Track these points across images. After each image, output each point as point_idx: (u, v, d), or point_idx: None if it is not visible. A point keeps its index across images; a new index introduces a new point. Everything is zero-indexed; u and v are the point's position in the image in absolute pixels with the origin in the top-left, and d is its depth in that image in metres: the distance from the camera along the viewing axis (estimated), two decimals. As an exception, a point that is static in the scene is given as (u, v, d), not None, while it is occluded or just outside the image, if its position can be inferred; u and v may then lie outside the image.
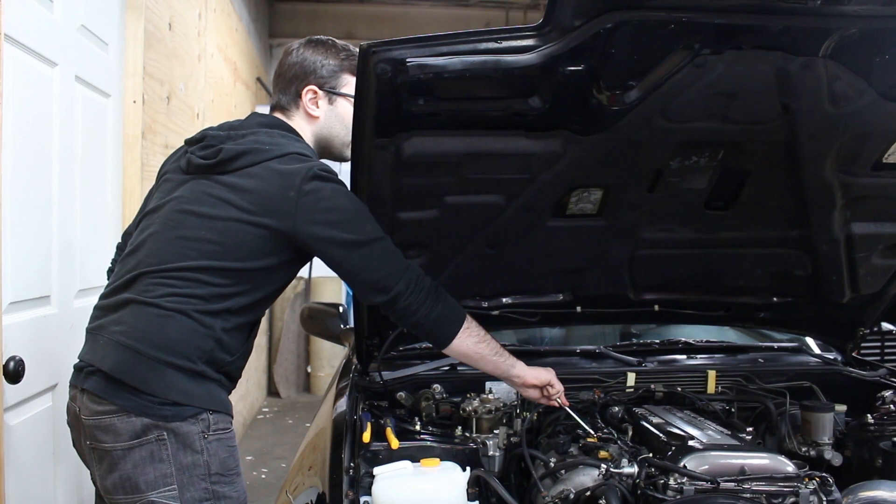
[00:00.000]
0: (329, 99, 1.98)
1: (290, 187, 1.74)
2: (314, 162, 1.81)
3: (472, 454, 1.94)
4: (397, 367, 2.37)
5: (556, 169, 2.01)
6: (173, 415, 1.72)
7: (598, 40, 1.62)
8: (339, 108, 1.98)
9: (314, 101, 1.97)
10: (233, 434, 1.83)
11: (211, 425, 1.76)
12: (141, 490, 1.71)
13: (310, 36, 2.05)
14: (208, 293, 1.75)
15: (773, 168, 2.12)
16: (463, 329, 1.89)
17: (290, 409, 6.70)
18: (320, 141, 2.00)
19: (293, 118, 1.98)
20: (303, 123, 1.98)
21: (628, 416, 2.16)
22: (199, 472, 1.74)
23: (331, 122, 1.98)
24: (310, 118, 1.97)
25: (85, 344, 1.84)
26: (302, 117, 1.98)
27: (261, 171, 1.77)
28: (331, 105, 1.98)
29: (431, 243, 2.18)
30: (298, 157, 1.80)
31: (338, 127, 1.99)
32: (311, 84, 1.96)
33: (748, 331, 2.98)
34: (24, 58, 2.16)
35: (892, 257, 2.38)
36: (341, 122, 1.98)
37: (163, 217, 1.82)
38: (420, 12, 7.19)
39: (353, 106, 1.87)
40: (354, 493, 1.73)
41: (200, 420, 1.75)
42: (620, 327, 3.01)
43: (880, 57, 1.76)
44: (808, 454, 2.10)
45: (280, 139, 1.85)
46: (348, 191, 1.82)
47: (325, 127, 1.98)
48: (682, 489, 1.64)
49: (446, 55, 1.64)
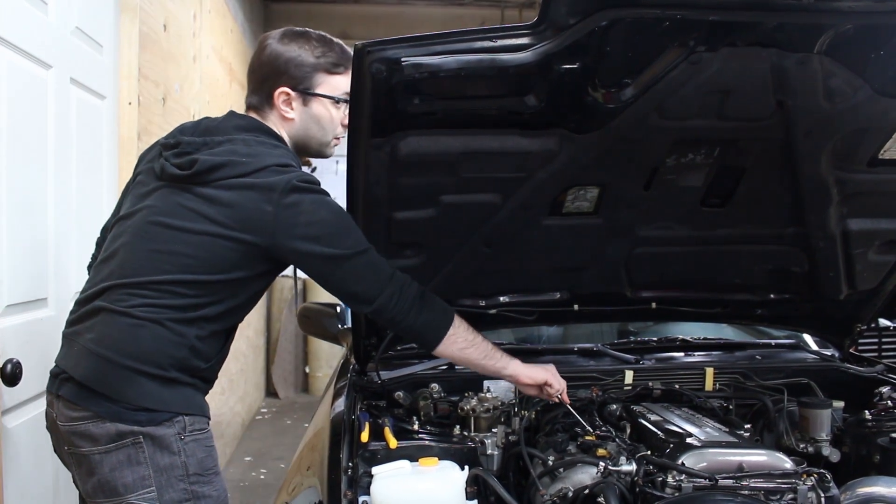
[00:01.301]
0: (303, 100, 1.89)
1: (268, 202, 1.70)
2: (293, 173, 1.75)
3: (471, 453, 1.94)
4: (395, 366, 2.37)
5: (552, 167, 2.01)
6: (148, 420, 1.71)
7: (593, 38, 1.63)
8: (314, 109, 1.90)
9: (287, 102, 1.88)
10: (209, 434, 1.83)
11: (187, 427, 1.75)
12: (120, 493, 1.72)
13: (287, 27, 1.95)
14: (183, 303, 1.73)
15: (769, 165, 2.12)
16: (448, 336, 1.87)
17: (289, 410, 6.70)
18: (297, 142, 1.93)
19: (268, 118, 1.91)
20: (278, 124, 1.90)
21: (626, 414, 2.16)
22: (178, 474, 1.74)
23: (306, 125, 1.91)
24: (284, 120, 1.90)
25: (61, 348, 1.83)
26: (277, 118, 1.90)
27: (238, 184, 1.72)
28: (305, 107, 1.89)
29: (428, 243, 2.18)
30: (277, 169, 1.74)
31: (314, 129, 1.92)
32: (283, 85, 1.87)
33: (745, 328, 2.98)
34: (19, 60, 2.15)
35: (888, 253, 2.38)
36: (317, 124, 1.91)
37: (135, 227, 1.78)
38: (415, 12, 7.18)
39: (330, 106, 1.88)
40: (353, 493, 1.73)
41: (176, 423, 1.74)
42: (618, 325, 3.01)
43: (875, 53, 1.76)
44: (806, 451, 2.10)
45: (258, 147, 1.80)
46: (330, 200, 1.78)
47: (300, 129, 1.91)
48: (680, 487, 1.64)
49: (441, 54, 1.64)
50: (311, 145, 1.95)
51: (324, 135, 1.93)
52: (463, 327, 1.91)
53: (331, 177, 7.32)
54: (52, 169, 2.37)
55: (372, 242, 2.02)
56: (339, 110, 1.91)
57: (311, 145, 1.95)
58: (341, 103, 1.91)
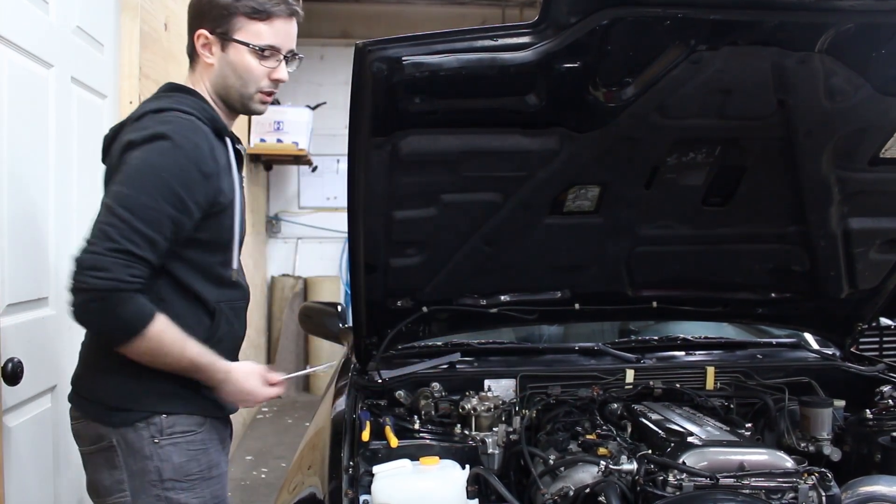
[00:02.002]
0: (222, 45, 1.82)
1: (118, 157, 1.71)
2: (148, 130, 1.69)
3: (472, 452, 1.94)
4: (396, 365, 2.37)
5: (553, 166, 2.01)
6: (121, 421, 1.71)
7: (594, 37, 1.63)
8: (231, 55, 1.82)
9: (207, 47, 1.82)
10: (200, 436, 1.79)
11: (164, 429, 1.72)
12: (101, 495, 1.75)
13: None
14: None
15: (770, 164, 2.12)
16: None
17: (290, 409, 6.70)
18: (218, 92, 1.86)
19: (196, 69, 1.87)
20: (203, 74, 1.85)
21: (627, 413, 2.16)
22: (150, 479, 1.71)
23: (224, 72, 1.83)
24: (206, 67, 1.84)
25: None
26: (202, 67, 1.85)
27: (117, 147, 1.73)
28: (224, 52, 1.82)
29: (429, 241, 2.18)
30: (153, 115, 1.72)
31: (232, 78, 1.84)
32: (202, 28, 1.82)
33: (746, 327, 2.98)
34: (20, 59, 2.15)
35: (889, 252, 2.38)
36: (235, 73, 1.83)
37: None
38: (416, 11, 7.18)
39: (249, 54, 1.81)
40: (354, 492, 1.73)
41: (151, 424, 1.71)
42: (619, 324, 3.01)
43: (877, 52, 1.76)
44: (807, 450, 2.10)
45: (151, 103, 1.78)
46: (171, 162, 1.68)
47: (219, 76, 1.84)
48: (681, 486, 1.64)
49: (442, 53, 1.64)
50: (232, 96, 1.87)
51: (243, 86, 1.84)
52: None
53: (331, 176, 7.33)
54: (53, 168, 2.37)
55: (373, 242, 2.03)
56: (262, 61, 1.83)
57: (232, 96, 1.87)
58: (266, 56, 1.83)
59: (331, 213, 7.34)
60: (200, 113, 1.78)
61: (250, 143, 6.15)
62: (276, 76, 1.85)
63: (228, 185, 1.81)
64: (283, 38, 1.84)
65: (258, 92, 1.86)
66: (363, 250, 2.01)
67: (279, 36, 1.83)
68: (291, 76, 1.94)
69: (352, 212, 1.91)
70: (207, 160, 1.73)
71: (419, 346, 2.50)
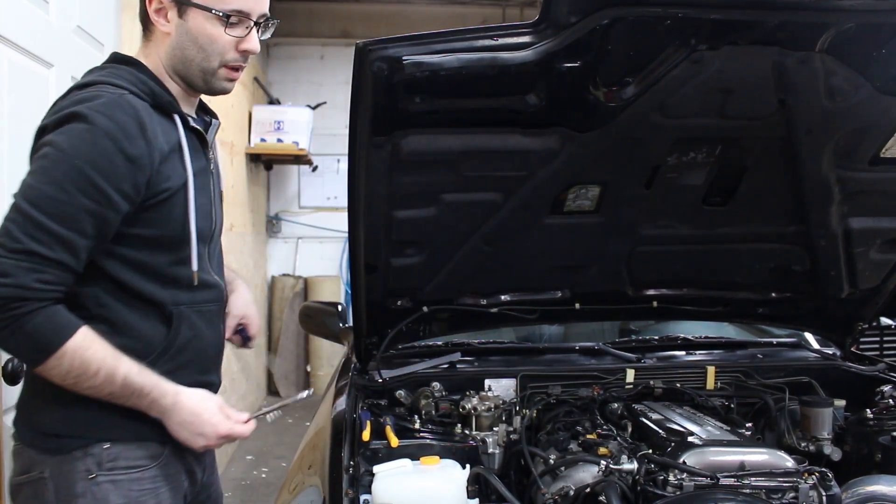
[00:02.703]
0: (179, 10, 1.53)
1: (32, 147, 1.49)
2: (63, 111, 1.45)
3: (472, 452, 1.94)
4: (396, 365, 2.37)
5: (554, 166, 2.01)
6: (56, 447, 1.46)
7: (595, 37, 1.63)
8: (190, 22, 1.53)
9: (161, 12, 1.54)
10: (150, 473, 1.52)
11: (104, 462, 1.46)
12: None
13: None
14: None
15: (771, 163, 2.12)
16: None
17: (290, 409, 6.67)
18: (177, 67, 1.58)
19: (150, 39, 1.59)
20: (158, 45, 1.58)
21: (628, 413, 2.15)
22: None
23: (182, 42, 1.55)
24: (162, 37, 1.56)
25: None
26: (157, 37, 1.57)
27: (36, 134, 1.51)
28: (181, 19, 1.54)
29: (429, 241, 2.18)
30: (75, 93, 1.47)
31: (191, 49, 1.55)
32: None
33: (747, 326, 2.98)
34: (20, 59, 2.15)
35: (890, 252, 2.38)
36: (194, 43, 1.54)
37: None
38: (417, 10, 7.17)
39: (209, 22, 1.53)
40: (354, 492, 1.73)
41: (90, 455, 1.46)
42: (619, 324, 3.01)
43: (877, 51, 1.76)
44: (808, 449, 2.10)
45: (82, 78, 1.54)
46: (86, 146, 1.42)
47: (177, 47, 1.55)
48: (681, 485, 1.64)
49: (442, 53, 1.64)
50: (192, 72, 1.58)
51: (204, 59, 1.56)
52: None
53: (332, 175, 7.33)
54: (54, 168, 2.36)
55: (373, 241, 2.03)
56: (228, 29, 1.54)
57: (192, 72, 1.58)
58: (232, 23, 1.55)
59: (331, 213, 7.34)
60: (137, 86, 1.51)
61: (250, 143, 6.15)
62: (244, 46, 1.57)
63: (176, 169, 1.53)
64: (252, 1, 1.56)
65: (223, 66, 1.58)
66: (363, 250, 2.01)
67: (241, 0, 1.55)
68: (292, 75, 1.86)
69: (352, 211, 1.91)
70: (136, 141, 1.45)
71: (419, 345, 2.50)
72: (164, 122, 1.54)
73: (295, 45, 7.12)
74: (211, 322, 1.66)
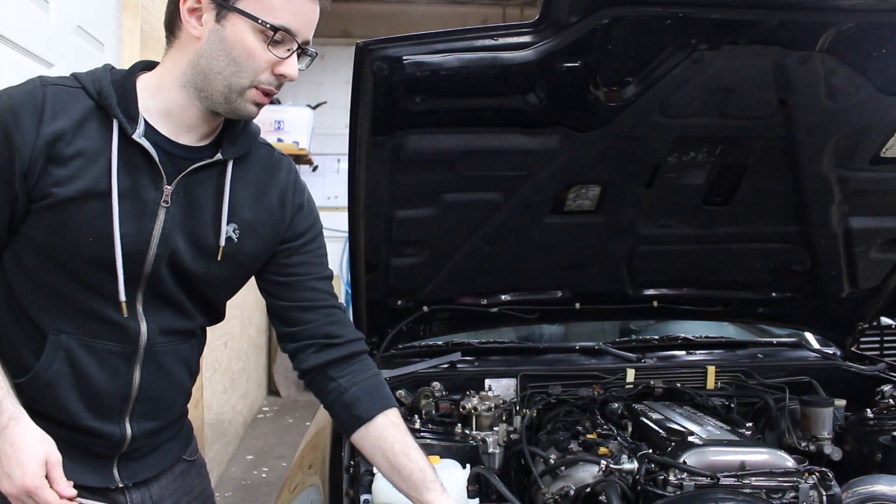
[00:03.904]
0: (217, 14, 1.32)
1: None
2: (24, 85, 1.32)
3: (472, 451, 1.94)
4: (397, 365, 2.37)
5: (554, 166, 2.01)
6: None
7: (595, 36, 1.63)
8: (228, 30, 1.32)
9: (195, 13, 1.33)
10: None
11: None
12: None
13: None
14: None
15: (771, 163, 2.12)
16: None
17: (291, 408, 6.70)
18: (197, 81, 1.35)
19: (173, 46, 1.39)
20: (182, 51, 1.37)
21: (628, 413, 2.16)
22: None
23: (212, 50, 1.33)
24: (189, 42, 1.35)
25: None
26: (182, 41, 1.37)
27: None
28: (218, 24, 1.32)
29: (429, 241, 2.18)
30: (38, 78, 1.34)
31: (221, 60, 1.33)
32: None
33: (747, 326, 2.98)
34: (20, 59, 2.15)
35: (890, 251, 2.38)
36: (227, 54, 1.32)
37: None
38: (417, 10, 7.17)
39: (251, 33, 1.32)
40: (354, 492, 1.73)
41: None
42: (619, 324, 3.01)
43: (877, 51, 1.76)
44: (808, 449, 2.10)
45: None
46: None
47: (204, 55, 1.33)
48: (681, 485, 1.64)
49: (443, 53, 1.64)
50: (215, 86, 1.35)
51: (235, 73, 1.33)
52: None
53: (332, 175, 7.33)
54: (54, 167, 2.36)
55: (373, 241, 2.03)
56: (270, 46, 1.33)
57: (215, 86, 1.35)
58: (276, 40, 1.33)
59: (331, 213, 7.33)
60: (91, 83, 1.37)
61: (251, 143, 6.13)
62: (282, 70, 1.36)
63: (80, 176, 1.31)
64: (302, 22, 1.36)
65: (253, 87, 1.36)
66: (364, 250, 2.01)
67: (298, 17, 1.35)
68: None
69: (352, 211, 1.91)
70: (23, 123, 1.28)
71: (420, 345, 2.50)
72: (97, 126, 1.34)
73: (295, 44, 7.11)
74: (106, 364, 1.41)
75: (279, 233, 1.53)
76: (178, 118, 1.39)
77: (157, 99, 1.39)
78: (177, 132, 1.40)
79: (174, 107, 1.38)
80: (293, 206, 1.56)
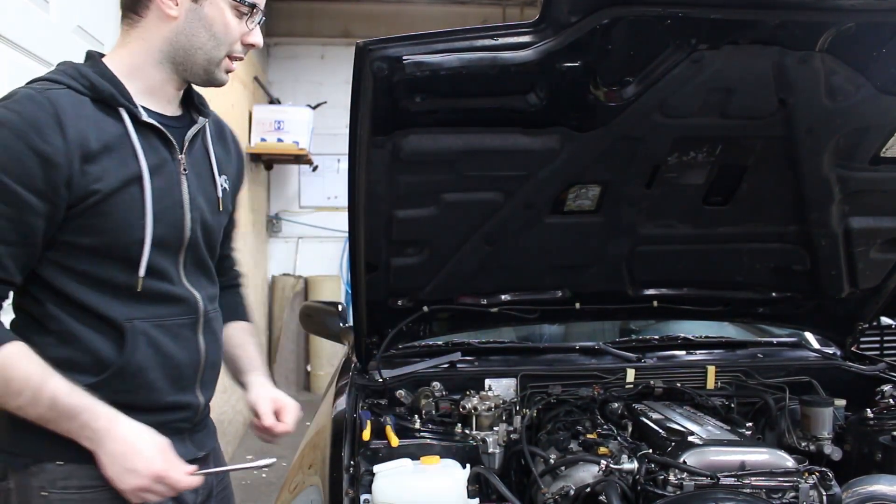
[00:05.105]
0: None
1: None
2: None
3: (472, 451, 1.94)
4: (397, 364, 2.37)
5: (554, 166, 2.01)
6: (14, 464, 1.42)
7: (595, 36, 1.63)
8: (206, 8, 1.46)
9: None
10: (104, 495, 1.41)
11: (58, 480, 1.40)
12: None
13: None
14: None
15: (771, 163, 2.12)
16: None
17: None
18: (176, 56, 1.47)
19: (137, 26, 1.47)
20: (154, 30, 1.46)
21: (628, 413, 2.16)
22: None
23: (192, 28, 1.45)
24: (163, 21, 1.45)
25: None
26: (153, 21, 1.45)
27: None
28: (196, 3, 1.45)
29: (430, 241, 2.18)
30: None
31: (202, 36, 1.46)
32: None
33: (747, 326, 2.98)
34: (20, 58, 2.15)
35: (890, 251, 2.38)
36: (208, 30, 1.46)
37: None
38: (417, 10, 7.17)
39: (228, 9, 1.47)
40: (354, 491, 1.73)
41: (44, 472, 1.40)
42: (619, 323, 3.01)
43: (877, 51, 1.76)
44: (808, 449, 2.10)
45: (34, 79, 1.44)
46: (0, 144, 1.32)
47: (183, 33, 1.46)
48: (681, 485, 1.64)
49: (443, 52, 1.64)
50: (196, 60, 1.48)
51: (214, 47, 1.48)
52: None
53: (332, 175, 7.33)
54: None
55: (374, 240, 2.03)
56: (240, 20, 1.50)
57: (196, 60, 1.48)
58: (248, 12, 1.50)
59: (331, 213, 7.34)
60: (77, 80, 1.42)
61: (251, 143, 6.15)
62: (251, 40, 1.53)
63: (112, 169, 1.40)
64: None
65: (229, 57, 1.52)
66: (364, 249, 2.01)
67: None
68: (292, 75, 1.84)
69: (352, 211, 1.91)
70: (49, 136, 1.33)
71: (420, 345, 2.50)
72: (105, 117, 1.41)
73: (295, 44, 7.12)
74: (179, 337, 1.52)
75: (240, 172, 1.75)
76: (159, 93, 1.51)
77: (135, 80, 1.48)
78: (162, 106, 1.52)
79: (155, 84, 1.50)
80: (236, 147, 1.77)
